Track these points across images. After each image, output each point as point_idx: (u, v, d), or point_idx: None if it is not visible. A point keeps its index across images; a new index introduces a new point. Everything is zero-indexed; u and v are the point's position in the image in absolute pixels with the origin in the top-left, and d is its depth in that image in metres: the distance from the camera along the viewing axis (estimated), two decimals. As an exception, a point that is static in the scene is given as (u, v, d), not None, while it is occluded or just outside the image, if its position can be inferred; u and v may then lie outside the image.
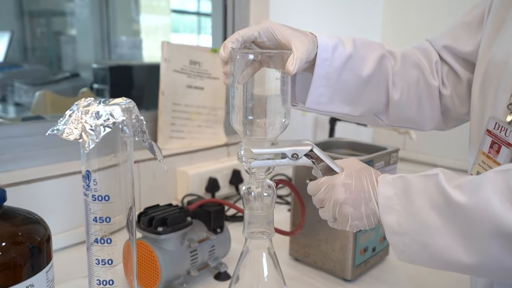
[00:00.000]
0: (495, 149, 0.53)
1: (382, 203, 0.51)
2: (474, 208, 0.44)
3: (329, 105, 0.65)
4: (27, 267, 0.43)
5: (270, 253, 0.58)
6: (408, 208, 0.50)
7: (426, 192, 0.48)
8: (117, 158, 0.45)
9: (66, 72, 2.80)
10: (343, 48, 0.63)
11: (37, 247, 0.44)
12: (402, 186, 0.51)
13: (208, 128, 1.19)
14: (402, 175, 0.52)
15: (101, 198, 0.44)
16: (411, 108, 0.71)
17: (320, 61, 0.61)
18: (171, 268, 0.71)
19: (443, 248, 0.47)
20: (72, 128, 0.42)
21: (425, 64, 0.71)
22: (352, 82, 0.65)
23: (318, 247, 0.82)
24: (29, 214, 0.46)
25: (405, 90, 0.70)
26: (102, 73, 2.04)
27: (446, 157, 1.58)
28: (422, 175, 0.50)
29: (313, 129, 1.47)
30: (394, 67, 0.69)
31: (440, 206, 0.47)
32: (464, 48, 0.68)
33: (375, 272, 0.83)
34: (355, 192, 0.53)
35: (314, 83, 0.62)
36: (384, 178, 0.53)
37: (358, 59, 0.64)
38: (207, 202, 0.80)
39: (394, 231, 0.50)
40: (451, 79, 0.71)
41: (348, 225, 0.54)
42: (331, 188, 0.54)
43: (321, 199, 0.55)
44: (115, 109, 0.43)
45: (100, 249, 0.45)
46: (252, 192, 0.56)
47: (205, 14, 4.50)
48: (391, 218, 0.51)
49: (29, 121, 1.07)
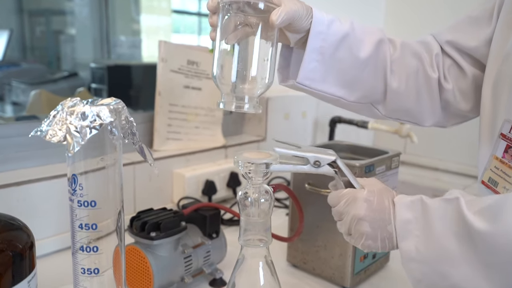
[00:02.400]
0: (510, 153, 0.50)
1: (400, 227, 0.49)
2: (496, 236, 0.41)
3: (323, 84, 0.63)
4: (7, 276, 0.40)
5: (267, 262, 0.55)
6: (427, 234, 0.47)
7: (446, 217, 0.46)
8: (104, 161, 0.43)
9: (64, 72, 2.78)
10: (340, 24, 0.61)
11: (19, 254, 0.41)
12: (421, 210, 0.48)
13: (206, 129, 1.16)
14: (421, 197, 0.50)
15: (87, 204, 0.42)
16: (409, 99, 0.68)
17: (314, 34, 0.59)
18: (164, 274, 0.68)
19: (463, 279, 0.44)
20: (56, 130, 0.39)
21: (425, 55, 0.69)
22: (348, 62, 0.62)
23: (316, 253, 0.79)
24: (12, 220, 0.44)
25: (404, 79, 0.68)
26: (100, 73, 2.02)
27: (447, 161, 1.56)
28: (442, 199, 0.47)
29: (313, 131, 1.44)
30: (393, 54, 0.67)
31: (460, 233, 0.44)
32: (469, 43, 0.66)
33: (375, 280, 0.81)
34: (376, 211, 0.51)
35: (307, 56, 0.60)
36: (402, 200, 0.50)
37: (355, 39, 0.62)
38: (203, 206, 0.78)
39: (412, 257, 0.48)
40: (453, 73, 0.69)
41: (361, 243, 0.52)
42: (352, 201, 0.53)
43: (340, 212, 0.54)
44: (103, 110, 0.40)
45: (86, 257, 0.43)
46: (249, 198, 0.54)
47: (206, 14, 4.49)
48: (409, 244, 0.48)
49: (21, 121, 1.04)
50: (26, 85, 2.56)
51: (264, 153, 0.54)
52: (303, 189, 0.78)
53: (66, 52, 3.18)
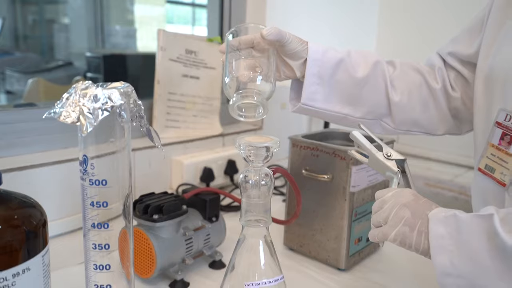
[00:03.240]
0: (506, 140, 0.53)
1: (434, 242, 0.49)
2: None
3: (326, 104, 0.70)
4: (23, 251, 0.42)
5: (266, 241, 0.58)
6: (462, 249, 0.47)
7: (481, 234, 0.46)
8: (114, 143, 0.45)
9: (59, 61, 2.77)
10: (335, 52, 0.68)
11: (33, 231, 0.43)
12: (455, 225, 0.48)
13: (203, 118, 1.18)
14: (454, 213, 0.49)
15: (98, 182, 0.44)
16: (415, 110, 0.73)
17: (311, 61, 0.67)
18: (166, 256, 0.70)
19: None
20: (70, 111, 0.41)
21: (426, 69, 0.74)
22: (347, 82, 0.69)
23: (312, 237, 0.82)
24: (25, 198, 0.46)
25: (406, 92, 0.73)
26: (96, 62, 2.02)
27: (439, 151, 1.60)
28: (476, 215, 0.48)
29: (308, 121, 1.47)
30: (392, 72, 0.73)
31: (496, 251, 0.45)
32: (466, 51, 0.71)
33: (368, 262, 0.84)
34: (421, 205, 0.51)
35: (307, 80, 0.68)
36: (436, 216, 0.50)
37: (351, 63, 0.69)
38: (203, 191, 0.80)
39: (448, 272, 0.48)
40: (459, 83, 0.74)
41: (397, 230, 0.51)
42: (399, 193, 0.53)
43: (385, 200, 0.54)
44: (114, 93, 0.42)
45: (97, 234, 0.45)
46: (250, 180, 0.56)
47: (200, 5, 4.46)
48: (444, 259, 0.48)
49: (23, 107, 1.05)
50: (20, 74, 2.55)
51: (264, 138, 0.57)
52: (300, 175, 0.81)
53: (60, 41, 3.16)
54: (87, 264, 0.46)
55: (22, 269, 0.42)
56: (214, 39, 1.18)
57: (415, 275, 0.80)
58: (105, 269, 0.46)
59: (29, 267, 0.42)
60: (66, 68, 2.64)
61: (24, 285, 0.42)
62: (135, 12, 3.60)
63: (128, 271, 0.50)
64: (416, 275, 0.80)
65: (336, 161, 0.77)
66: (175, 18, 4.63)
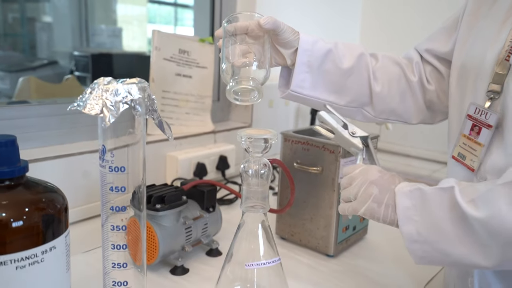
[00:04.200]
0: (475, 131, 0.60)
1: (401, 214, 0.54)
2: (491, 222, 0.48)
3: (313, 91, 0.74)
4: (49, 231, 0.47)
5: (264, 225, 0.63)
6: (426, 219, 0.53)
7: (442, 204, 0.52)
8: (131, 135, 0.50)
9: (43, 60, 2.76)
10: (323, 43, 0.73)
11: (57, 213, 0.48)
12: (420, 198, 0.54)
13: (196, 115, 1.22)
14: (419, 186, 0.55)
15: (117, 169, 0.48)
16: (394, 100, 0.79)
17: (301, 51, 0.71)
18: (168, 243, 0.75)
19: (463, 256, 0.51)
20: (93, 104, 0.45)
21: (405, 63, 0.80)
22: (334, 72, 0.74)
23: (303, 226, 0.87)
24: (49, 184, 0.50)
25: (386, 83, 0.79)
26: (84, 61, 2.03)
27: (418, 148, 1.68)
28: (439, 188, 0.53)
29: (295, 118, 1.53)
30: (375, 64, 0.78)
31: (457, 219, 0.51)
32: (442, 49, 0.77)
33: (355, 249, 0.90)
34: (386, 180, 0.57)
35: (297, 69, 0.72)
36: (402, 190, 0.56)
37: (338, 54, 0.74)
38: (201, 182, 0.85)
39: (414, 239, 0.54)
40: (434, 77, 0.80)
41: (366, 206, 0.57)
42: (366, 170, 0.59)
43: (353, 177, 0.60)
44: (133, 87, 0.47)
45: (115, 216, 0.49)
46: (250, 170, 0.61)
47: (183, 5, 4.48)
48: (410, 228, 0.54)
49: (19, 104, 1.08)
50: (5, 72, 2.53)
51: (264, 130, 0.62)
52: (292, 167, 0.86)
53: (42, 39, 3.14)
54: (104, 243, 0.51)
55: (49, 247, 0.46)
56: (206, 40, 1.23)
57: (395, 260, 0.86)
58: (122, 248, 0.50)
59: (55, 245, 0.46)
60: (51, 67, 2.63)
61: (51, 261, 0.46)
62: (117, 12, 3.60)
63: (135, 258, 0.55)
64: (396, 260, 0.86)
65: (326, 154, 0.83)
66: (157, 17, 4.64)
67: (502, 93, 0.57)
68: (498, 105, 0.57)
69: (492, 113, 0.57)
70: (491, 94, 0.58)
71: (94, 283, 0.64)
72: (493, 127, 0.57)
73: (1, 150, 0.45)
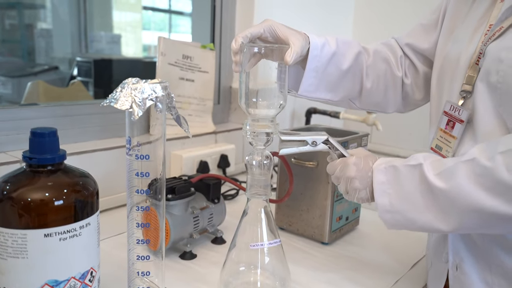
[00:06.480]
0: (450, 125, 0.68)
1: (376, 188, 0.64)
2: (452, 192, 0.57)
3: (316, 93, 0.81)
4: (84, 210, 0.54)
5: (266, 211, 0.71)
6: (398, 192, 0.63)
7: (413, 179, 0.61)
8: (153, 127, 0.57)
9: (44, 65, 2.83)
10: (329, 47, 0.77)
11: (90, 195, 0.55)
12: (393, 174, 0.64)
13: (198, 117, 1.30)
14: (393, 164, 0.65)
15: (142, 157, 0.56)
16: (379, 95, 0.86)
17: (312, 57, 0.75)
18: (178, 230, 0.82)
19: (428, 223, 0.60)
20: (124, 100, 0.53)
21: (392, 59, 0.87)
22: (335, 74, 0.80)
23: (300, 216, 0.95)
24: (82, 170, 0.58)
25: (375, 80, 0.86)
26: (86, 66, 2.10)
27: (407, 149, 1.77)
28: (410, 165, 0.63)
29: (290, 121, 1.61)
30: (367, 60, 0.85)
31: (424, 191, 0.60)
32: (422, 45, 0.85)
33: (348, 238, 0.98)
34: (363, 171, 0.67)
35: (306, 75, 0.77)
36: (378, 167, 0.66)
37: (340, 55, 0.79)
38: (206, 176, 0.92)
39: (387, 210, 0.64)
40: (411, 71, 0.88)
41: (356, 197, 0.68)
42: (345, 167, 0.69)
43: (337, 176, 0.70)
44: (157, 86, 0.54)
45: (139, 197, 0.57)
46: (254, 161, 0.69)
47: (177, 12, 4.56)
48: (384, 200, 0.64)
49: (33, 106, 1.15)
50: (6, 77, 2.59)
51: (265, 125, 0.70)
52: (290, 162, 0.94)
53: (40, 46, 3.20)
54: (129, 222, 0.58)
55: (85, 223, 0.53)
56: (207, 46, 1.31)
57: (385, 247, 0.94)
58: (145, 226, 0.58)
59: (89, 222, 0.54)
60: (51, 72, 2.70)
61: (87, 235, 0.54)
62: (113, 18, 3.68)
63: (154, 245, 0.62)
64: (386, 247, 0.94)
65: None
66: (151, 24, 4.71)
67: (473, 92, 0.65)
68: (469, 103, 0.66)
69: (464, 110, 0.66)
70: (464, 93, 0.66)
71: (108, 265, 0.72)
72: (464, 122, 0.65)
73: (45, 140, 0.53)
